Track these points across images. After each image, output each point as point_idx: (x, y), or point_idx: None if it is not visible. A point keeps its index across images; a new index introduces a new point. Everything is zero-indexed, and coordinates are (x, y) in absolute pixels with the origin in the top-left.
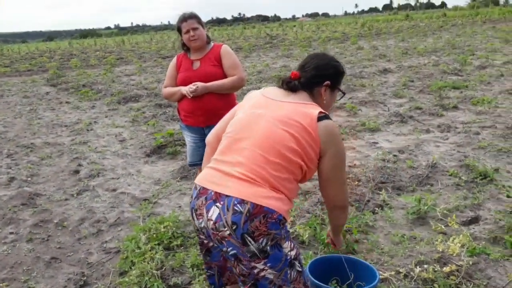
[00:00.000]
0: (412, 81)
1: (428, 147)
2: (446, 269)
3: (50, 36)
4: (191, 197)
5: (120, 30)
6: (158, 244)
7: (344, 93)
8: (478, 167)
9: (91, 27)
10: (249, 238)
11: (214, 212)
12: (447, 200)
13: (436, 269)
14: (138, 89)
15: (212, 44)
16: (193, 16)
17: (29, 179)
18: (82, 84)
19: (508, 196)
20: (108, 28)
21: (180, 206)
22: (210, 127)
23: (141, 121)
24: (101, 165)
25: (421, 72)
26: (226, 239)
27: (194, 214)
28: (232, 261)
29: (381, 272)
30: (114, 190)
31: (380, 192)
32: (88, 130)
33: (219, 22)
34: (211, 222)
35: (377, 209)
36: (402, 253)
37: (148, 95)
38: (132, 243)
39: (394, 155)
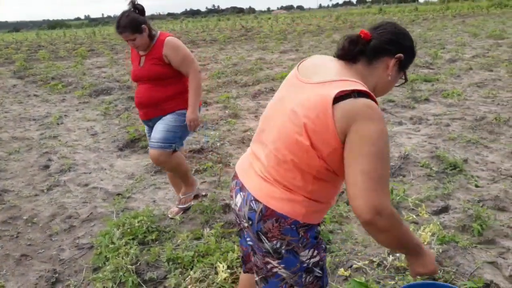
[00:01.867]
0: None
1: (400, 139)
2: None
3: (16, 27)
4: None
5: (91, 21)
6: (133, 239)
7: (406, 80)
8: (448, 158)
9: (60, 18)
10: (263, 237)
11: (238, 200)
12: (419, 191)
13: None
14: (110, 81)
15: (157, 36)
16: (125, 28)
17: None
18: (51, 76)
19: (476, 186)
20: (78, 19)
21: (154, 201)
22: (153, 119)
23: (113, 114)
24: (72, 159)
25: None
26: (246, 230)
27: (230, 192)
28: (250, 250)
29: (354, 262)
30: (86, 185)
31: None
32: (58, 124)
33: (193, 13)
34: (237, 208)
35: None
36: (375, 243)
37: (120, 88)
38: (106, 238)
39: None
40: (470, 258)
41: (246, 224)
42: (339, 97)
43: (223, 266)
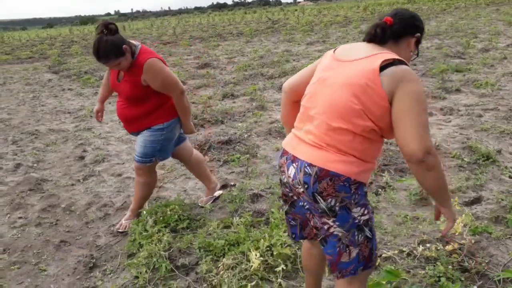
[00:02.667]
0: (415, 65)
1: (431, 130)
2: (449, 247)
3: (50, 23)
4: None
5: (120, 17)
6: (165, 227)
7: (418, 55)
8: (481, 148)
9: (91, 14)
10: (319, 197)
11: (291, 171)
12: (450, 182)
13: (438, 248)
14: None
15: (137, 52)
16: (109, 57)
17: (35, 165)
18: (84, 71)
19: (510, 177)
20: (108, 14)
21: (185, 190)
22: (133, 133)
23: None
24: (106, 150)
25: (423, 56)
26: (301, 195)
27: (279, 170)
28: (308, 214)
29: (384, 251)
30: (119, 175)
31: (383, 174)
32: (91, 116)
33: (219, 7)
34: (290, 179)
35: (380, 190)
36: (405, 233)
37: None
38: (139, 226)
39: None
40: (503, 249)
41: (301, 190)
42: (384, 66)
43: (256, 254)
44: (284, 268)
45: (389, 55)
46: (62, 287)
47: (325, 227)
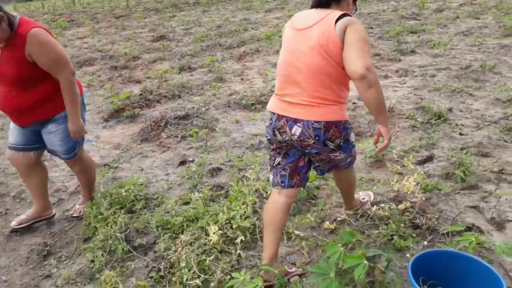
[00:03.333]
0: (371, 28)
1: (386, 92)
2: (401, 206)
3: None
4: (270, 120)
5: None
6: (121, 208)
7: (356, 9)
8: (433, 108)
9: None
10: (329, 142)
11: (297, 129)
12: (403, 142)
13: (391, 207)
14: (92, 52)
15: (16, 23)
16: None
17: None
18: None
19: (460, 134)
20: None
21: (142, 169)
22: (27, 127)
23: (97, 85)
24: None
25: (380, 19)
26: (311, 145)
27: (277, 131)
28: (313, 155)
29: (339, 214)
30: None
31: None
32: None
33: None
34: (296, 136)
35: None
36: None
37: (103, 58)
38: (94, 209)
39: (353, 103)
40: (452, 204)
41: (312, 141)
42: (336, 21)
43: (214, 228)
44: (243, 239)
45: (338, 12)
46: (14, 277)
47: (332, 157)
